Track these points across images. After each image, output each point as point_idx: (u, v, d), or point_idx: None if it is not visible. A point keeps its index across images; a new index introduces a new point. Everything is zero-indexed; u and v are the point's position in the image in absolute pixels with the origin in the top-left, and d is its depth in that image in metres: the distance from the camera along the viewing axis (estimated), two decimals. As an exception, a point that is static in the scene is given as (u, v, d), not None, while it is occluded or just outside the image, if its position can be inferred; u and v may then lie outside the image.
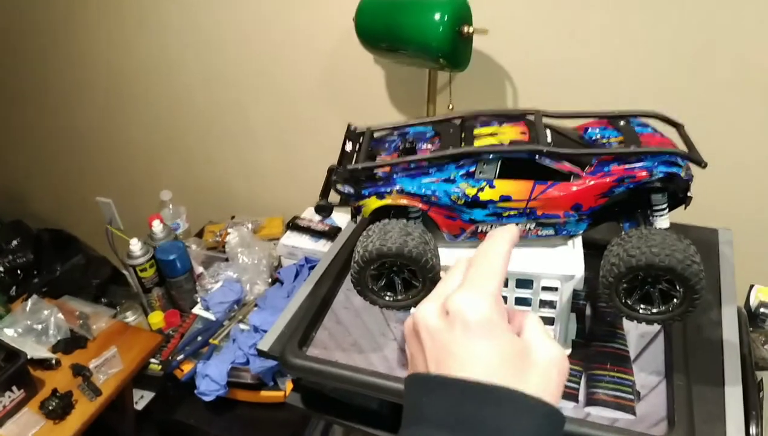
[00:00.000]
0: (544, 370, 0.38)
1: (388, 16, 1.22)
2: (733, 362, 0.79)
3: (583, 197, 0.71)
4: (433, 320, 0.40)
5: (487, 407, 0.35)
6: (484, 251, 0.43)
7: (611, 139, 0.75)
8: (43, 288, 1.94)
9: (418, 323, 0.41)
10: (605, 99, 1.32)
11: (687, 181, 0.71)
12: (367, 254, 0.70)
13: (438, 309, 0.40)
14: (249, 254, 1.65)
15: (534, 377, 0.37)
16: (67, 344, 1.45)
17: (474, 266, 0.42)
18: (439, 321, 0.40)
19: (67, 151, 2.44)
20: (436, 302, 0.41)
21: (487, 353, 0.37)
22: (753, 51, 1.17)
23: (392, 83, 1.58)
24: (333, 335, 0.90)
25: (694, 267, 0.65)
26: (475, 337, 0.37)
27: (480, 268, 0.42)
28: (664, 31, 1.22)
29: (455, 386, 0.36)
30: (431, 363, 0.39)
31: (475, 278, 0.41)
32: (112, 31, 1.92)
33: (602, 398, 0.76)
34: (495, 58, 1.39)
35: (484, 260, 0.42)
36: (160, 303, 1.65)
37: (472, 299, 0.39)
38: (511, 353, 0.38)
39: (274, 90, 1.78)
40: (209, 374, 1.37)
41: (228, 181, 2.13)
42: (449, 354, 0.38)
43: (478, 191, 0.72)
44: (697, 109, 1.26)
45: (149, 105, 2.05)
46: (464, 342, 0.38)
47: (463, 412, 0.35)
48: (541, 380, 0.37)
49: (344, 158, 0.79)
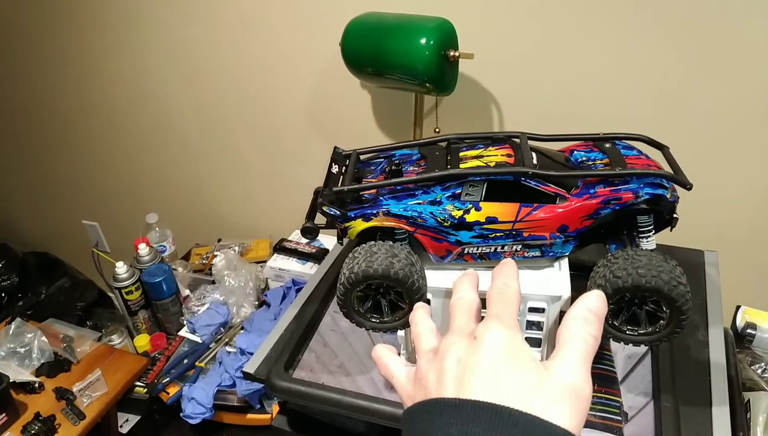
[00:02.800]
0: (569, 401, 0.36)
1: (375, 41, 1.23)
2: (720, 382, 0.80)
3: (569, 219, 0.72)
4: (461, 344, 0.40)
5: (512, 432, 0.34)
6: (500, 288, 0.45)
7: (597, 162, 0.76)
8: (28, 311, 1.91)
9: (446, 348, 0.40)
10: (591, 122, 1.33)
11: (673, 202, 0.72)
12: (353, 275, 0.70)
13: (463, 335, 0.41)
14: (236, 277, 1.64)
15: (558, 408, 0.36)
16: (51, 367, 1.43)
17: (496, 301, 0.43)
18: (466, 344, 0.40)
19: (54, 175, 2.43)
20: (461, 332, 0.42)
21: (511, 376, 0.37)
22: (739, 75, 1.19)
23: (379, 108, 1.59)
24: (320, 358, 0.90)
25: (681, 288, 0.65)
26: (503, 360, 0.37)
27: (501, 303, 0.43)
28: (651, 55, 1.24)
29: (467, 406, 0.35)
30: (449, 381, 0.38)
31: (499, 312, 0.42)
32: (102, 59, 1.92)
33: (590, 419, 0.75)
34: (481, 82, 1.40)
35: (504, 296, 0.44)
36: (146, 326, 1.63)
37: (501, 327, 0.39)
38: (538, 381, 0.37)
39: (261, 113, 1.78)
40: (195, 396, 1.35)
41: (215, 204, 2.12)
42: (472, 371, 0.37)
43: (464, 213, 0.72)
44: (682, 131, 1.28)
45: (136, 129, 2.05)
46: (491, 360, 0.37)
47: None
48: (565, 412, 0.36)
49: (330, 181, 0.79)
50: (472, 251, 0.75)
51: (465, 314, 0.45)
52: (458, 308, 0.46)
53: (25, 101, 2.23)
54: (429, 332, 0.46)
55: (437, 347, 0.42)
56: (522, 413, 0.34)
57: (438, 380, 0.39)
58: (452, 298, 0.47)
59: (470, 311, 0.45)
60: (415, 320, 0.49)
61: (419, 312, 0.50)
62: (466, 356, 0.39)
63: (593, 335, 0.40)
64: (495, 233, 0.73)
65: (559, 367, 0.38)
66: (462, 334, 0.41)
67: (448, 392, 0.37)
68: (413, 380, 0.43)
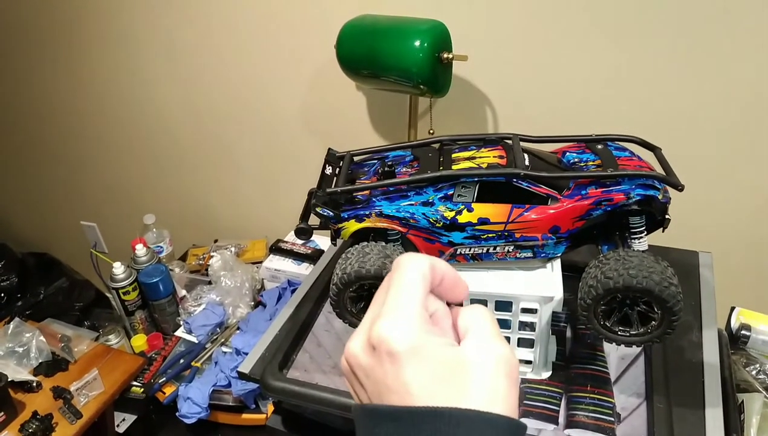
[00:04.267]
0: (490, 378, 0.35)
1: (369, 43, 1.24)
2: (713, 384, 0.80)
3: (561, 220, 0.72)
4: (363, 358, 0.38)
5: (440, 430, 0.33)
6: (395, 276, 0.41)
7: (589, 163, 0.76)
8: (27, 311, 1.92)
9: (351, 363, 0.39)
10: (583, 124, 1.33)
11: (664, 203, 0.72)
12: (346, 276, 0.70)
13: (364, 344, 0.38)
14: (232, 277, 1.65)
15: (479, 390, 0.35)
16: (49, 366, 1.43)
17: (388, 292, 0.39)
18: (367, 358, 0.38)
19: (52, 177, 2.43)
20: (361, 336, 0.39)
21: (422, 378, 0.35)
22: (733, 76, 1.19)
23: (374, 109, 1.59)
24: (314, 358, 0.90)
25: (672, 289, 0.65)
26: (405, 365, 0.35)
27: (393, 291, 0.39)
28: (643, 57, 1.24)
29: (405, 414, 0.34)
30: (374, 398, 0.37)
31: (391, 304, 0.38)
32: (99, 62, 1.92)
33: (582, 420, 0.75)
34: (475, 84, 1.40)
35: (396, 283, 0.40)
36: (143, 326, 1.63)
37: (391, 327, 0.37)
38: (447, 370, 0.35)
39: (257, 115, 1.79)
40: (191, 396, 1.35)
41: (211, 205, 2.12)
42: (387, 388, 0.36)
43: (456, 214, 0.72)
44: (675, 133, 1.28)
45: (133, 131, 2.05)
46: (396, 373, 0.35)
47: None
48: (488, 390, 0.35)
49: (324, 182, 0.79)
50: (464, 251, 0.75)
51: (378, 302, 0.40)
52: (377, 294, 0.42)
53: (23, 104, 2.23)
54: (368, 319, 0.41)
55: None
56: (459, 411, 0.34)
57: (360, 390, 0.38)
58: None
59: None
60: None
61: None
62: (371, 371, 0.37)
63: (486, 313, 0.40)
64: (487, 234, 0.73)
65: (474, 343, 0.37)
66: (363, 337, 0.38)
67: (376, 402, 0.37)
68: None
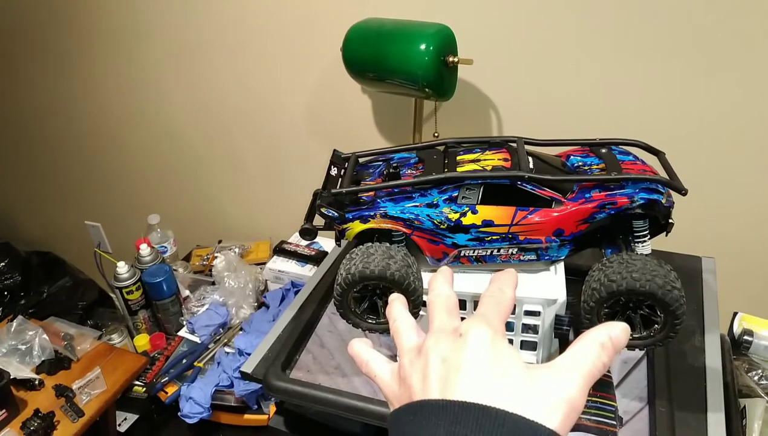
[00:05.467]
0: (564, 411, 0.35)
1: (375, 46, 1.24)
2: (716, 388, 0.80)
3: (565, 223, 0.72)
4: (446, 342, 0.39)
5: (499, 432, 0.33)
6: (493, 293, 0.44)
7: (593, 167, 0.76)
8: (30, 310, 1.93)
9: (430, 347, 0.39)
10: (588, 128, 1.34)
11: (668, 207, 0.72)
12: (350, 276, 0.70)
13: (450, 334, 0.40)
14: (235, 278, 1.65)
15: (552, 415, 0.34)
16: (51, 364, 1.44)
17: (485, 304, 0.42)
18: (451, 342, 0.39)
19: (57, 176, 2.44)
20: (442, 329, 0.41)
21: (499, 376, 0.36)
22: (737, 81, 1.20)
23: (379, 112, 1.59)
24: (317, 359, 0.90)
25: (675, 293, 0.65)
26: (489, 359, 0.36)
27: (492, 307, 0.42)
28: (648, 62, 1.24)
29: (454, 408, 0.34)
30: (435, 382, 0.37)
31: (487, 314, 0.41)
32: (104, 63, 1.93)
33: (585, 423, 0.76)
34: (480, 87, 1.41)
35: (496, 301, 0.43)
36: (146, 326, 1.64)
37: (486, 327, 0.39)
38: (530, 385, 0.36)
39: (262, 117, 1.79)
40: (193, 396, 1.36)
41: (216, 206, 2.13)
42: (457, 370, 0.36)
43: (460, 216, 0.73)
44: (679, 138, 1.28)
45: (139, 132, 2.06)
46: (477, 359, 0.36)
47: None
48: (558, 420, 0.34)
49: (329, 183, 0.79)
50: (468, 253, 0.75)
51: (444, 311, 0.43)
52: (437, 305, 0.44)
53: (28, 104, 2.24)
54: (409, 327, 0.45)
55: (420, 345, 0.41)
56: (509, 414, 0.34)
57: (423, 380, 0.38)
58: (429, 296, 0.45)
59: (449, 308, 0.44)
60: (393, 315, 0.47)
61: (396, 306, 0.48)
62: (450, 354, 0.38)
63: (604, 362, 0.39)
64: (491, 236, 0.73)
65: (563, 377, 0.37)
66: (445, 332, 0.40)
67: (433, 393, 0.36)
68: (397, 380, 0.41)
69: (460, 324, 0.40)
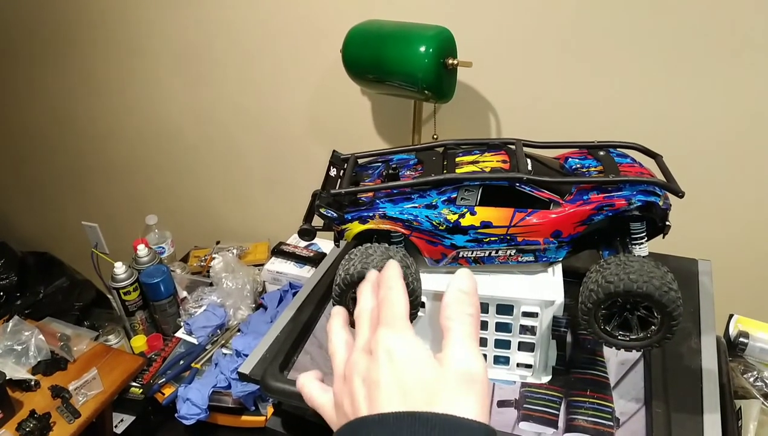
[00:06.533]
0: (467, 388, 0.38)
1: (375, 48, 1.25)
2: (712, 390, 0.80)
3: (563, 225, 0.72)
4: (362, 364, 0.41)
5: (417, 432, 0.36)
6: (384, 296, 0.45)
7: (591, 169, 0.77)
8: (27, 310, 1.93)
9: (350, 374, 0.42)
10: (586, 130, 1.34)
11: (665, 209, 0.73)
12: (349, 276, 0.71)
13: (363, 354, 0.42)
14: (233, 279, 1.65)
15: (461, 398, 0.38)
16: (47, 365, 1.44)
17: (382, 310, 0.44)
18: (367, 362, 0.41)
19: (55, 176, 2.44)
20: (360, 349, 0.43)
21: (413, 381, 0.38)
22: (734, 85, 1.20)
23: (379, 114, 1.60)
24: (315, 360, 0.90)
25: (672, 294, 0.65)
26: (401, 367, 0.39)
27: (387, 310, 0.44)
28: (646, 65, 1.25)
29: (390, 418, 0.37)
30: (363, 407, 0.39)
31: (386, 319, 0.43)
32: (102, 62, 1.93)
33: (582, 424, 0.76)
34: (479, 90, 1.41)
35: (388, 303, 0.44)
36: (143, 327, 1.64)
37: (389, 332, 0.41)
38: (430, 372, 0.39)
39: (261, 117, 1.80)
40: (190, 397, 1.36)
41: (214, 207, 2.13)
42: (377, 386, 0.39)
43: (459, 217, 0.73)
44: (677, 140, 1.29)
45: (137, 131, 2.06)
46: (391, 372, 0.39)
47: None
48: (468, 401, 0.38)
49: (328, 183, 0.80)
50: (466, 254, 0.76)
51: (365, 326, 0.45)
52: (360, 320, 0.46)
53: (26, 103, 2.24)
54: (340, 350, 0.46)
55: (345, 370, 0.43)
56: (436, 415, 0.36)
57: (351, 404, 0.40)
58: (356, 308, 0.47)
59: (372, 322, 0.45)
60: (330, 335, 0.48)
61: (334, 323, 0.49)
62: (367, 373, 0.40)
63: (470, 313, 0.42)
64: (489, 238, 0.74)
65: (448, 356, 0.40)
66: (361, 351, 0.43)
67: (363, 412, 0.39)
68: (334, 407, 0.44)
69: (371, 338, 0.42)
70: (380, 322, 0.43)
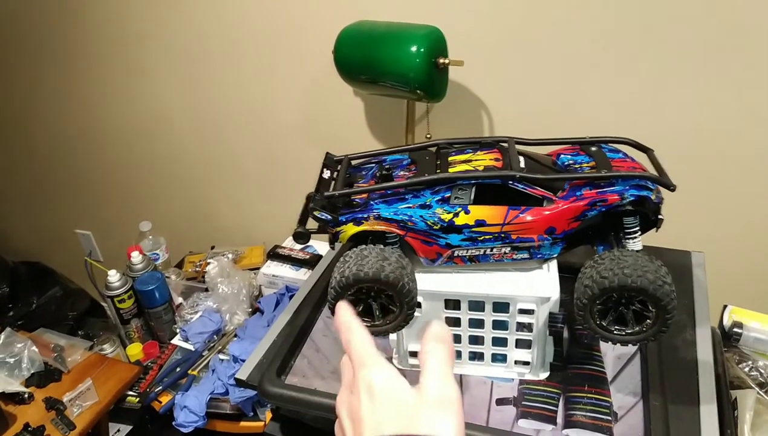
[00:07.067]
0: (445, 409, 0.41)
1: (367, 49, 1.25)
2: (707, 381, 0.81)
3: (557, 221, 0.73)
4: (347, 402, 0.44)
5: None
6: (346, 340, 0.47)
7: (583, 165, 0.77)
8: (19, 321, 1.91)
9: (339, 412, 0.45)
10: (578, 127, 1.34)
11: (657, 203, 0.73)
12: (344, 279, 0.71)
13: (348, 393, 0.45)
14: (229, 284, 1.65)
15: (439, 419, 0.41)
16: (41, 377, 1.42)
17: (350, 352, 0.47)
18: (350, 400, 0.44)
19: (46, 184, 2.42)
20: (344, 390, 0.46)
21: (393, 411, 0.41)
22: (725, 77, 1.21)
23: (371, 115, 1.60)
24: (312, 363, 0.90)
25: (666, 287, 0.66)
26: (379, 399, 0.42)
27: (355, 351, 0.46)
28: (636, 60, 1.25)
29: None
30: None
31: (357, 358, 0.45)
32: (95, 68, 1.92)
33: (580, 420, 0.76)
34: (471, 88, 1.42)
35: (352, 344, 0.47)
36: (139, 334, 1.63)
37: (366, 369, 0.44)
38: (408, 401, 0.42)
39: (254, 121, 1.79)
40: (188, 405, 1.35)
41: (208, 212, 2.12)
42: (361, 422, 0.41)
43: (453, 217, 0.73)
44: (667, 134, 1.29)
45: (129, 138, 2.05)
46: (371, 408, 0.42)
47: None
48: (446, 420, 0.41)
49: (322, 185, 0.80)
50: (461, 253, 0.76)
51: (347, 368, 0.47)
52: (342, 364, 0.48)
53: (17, 110, 2.22)
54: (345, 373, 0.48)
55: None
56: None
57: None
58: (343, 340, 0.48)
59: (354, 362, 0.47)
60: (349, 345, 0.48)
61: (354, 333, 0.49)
62: (350, 411, 0.44)
63: (445, 349, 0.46)
64: (484, 236, 0.74)
65: (425, 384, 0.43)
66: (345, 389, 0.46)
67: None
68: None
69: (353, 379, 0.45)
70: (353, 364, 0.46)
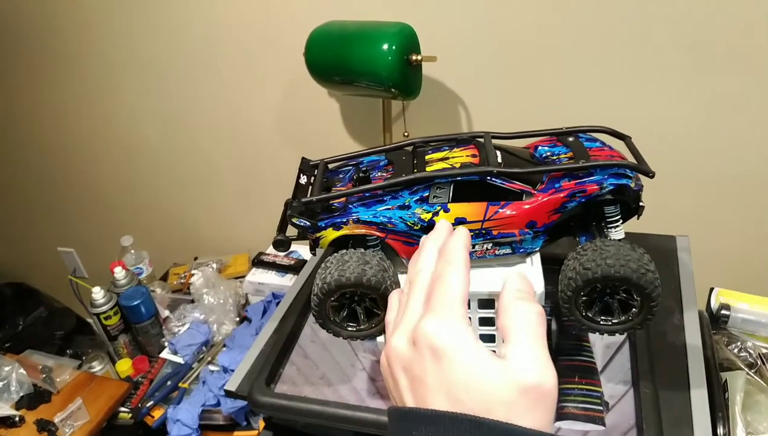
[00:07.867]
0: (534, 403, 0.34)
1: (338, 49, 1.24)
2: (697, 365, 0.81)
3: (537, 214, 0.72)
4: (403, 353, 0.37)
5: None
6: (441, 271, 0.40)
7: (561, 156, 0.77)
8: (6, 344, 1.89)
9: (390, 358, 0.38)
10: (554, 117, 1.34)
11: (637, 191, 0.73)
12: (326, 285, 0.70)
13: (406, 341, 0.38)
14: (215, 294, 1.63)
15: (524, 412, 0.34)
16: (31, 399, 1.41)
17: (435, 289, 0.39)
18: (409, 353, 0.37)
19: (26, 204, 2.39)
20: (403, 333, 0.38)
21: (466, 388, 0.34)
22: (701, 61, 1.21)
23: (347, 116, 1.59)
24: (301, 370, 0.89)
25: (649, 275, 0.65)
26: (446, 364, 0.35)
27: (441, 290, 0.39)
28: (609, 50, 1.25)
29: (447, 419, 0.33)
30: (407, 397, 0.36)
31: (437, 303, 0.38)
32: (72, 84, 1.90)
33: (572, 411, 0.76)
34: (446, 84, 1.41)
35: (443, 281, 0.39)
36: (127, 350, 1.61)
37: (438, 325, 0.36)
38: (488, 379, 0.34)
39: (230, 129, 1.78)
40: (180, 418, 1.34)
41: (190, 223, 2.11)
42: (423, 385, 0.35)
43: (433, 216, 0.73)
44: (644, 119, 1.29)
45: (106, 152, 2.03)
46: (437, 372, 0.35)
47: None
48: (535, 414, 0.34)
49: (299, 191, 0.79)
50: (443, 252, 0.75)
51: (416, 299, 0.40)
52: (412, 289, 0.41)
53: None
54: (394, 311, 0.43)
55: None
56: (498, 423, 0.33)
57: (395, 387, 0.38)
58: (408, 270, 0.41)
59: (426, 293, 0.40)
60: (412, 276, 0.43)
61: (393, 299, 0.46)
62: (409, 365, 0.37)
63: (536, 311, 0.38)
64: (465, 233, 0.73)
65: (514, 362, 0.35)
66: (403, 334, 0.38)
67: (409, 403, 0.36)
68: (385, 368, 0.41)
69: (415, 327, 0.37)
70: (429, 306, 0.38)
